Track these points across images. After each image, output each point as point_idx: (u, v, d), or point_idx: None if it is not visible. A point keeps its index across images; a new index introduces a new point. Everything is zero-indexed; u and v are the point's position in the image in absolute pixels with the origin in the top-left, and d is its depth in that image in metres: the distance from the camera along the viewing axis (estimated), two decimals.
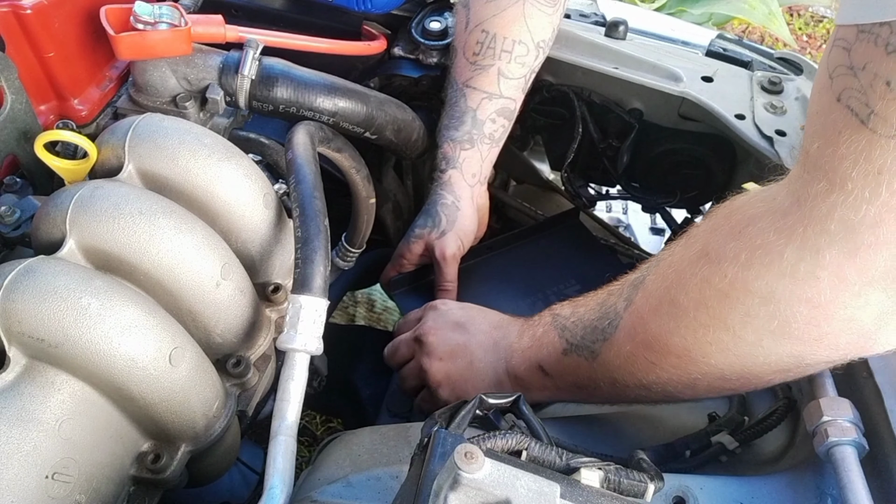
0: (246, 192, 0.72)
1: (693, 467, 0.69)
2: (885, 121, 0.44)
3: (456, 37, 1.02)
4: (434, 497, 0.42)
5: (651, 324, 0.63)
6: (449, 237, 1.00)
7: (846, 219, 0.48)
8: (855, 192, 0.46)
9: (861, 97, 0.45)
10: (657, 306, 0.63)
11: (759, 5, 2.45)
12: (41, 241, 0.64)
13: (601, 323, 0.69)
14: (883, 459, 0.60)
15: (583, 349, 0.70)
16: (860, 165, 0.46)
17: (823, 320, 0.52)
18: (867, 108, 0.44)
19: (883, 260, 0.48)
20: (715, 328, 0.58)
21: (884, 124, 0.44)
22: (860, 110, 0.45)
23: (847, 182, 0.47)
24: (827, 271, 0.50)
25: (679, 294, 0.61)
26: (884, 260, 0.48)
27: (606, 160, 1.14)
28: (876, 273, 0.48)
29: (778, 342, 0.55)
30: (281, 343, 0.64)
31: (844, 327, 0.52)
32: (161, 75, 0.82)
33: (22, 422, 0.53)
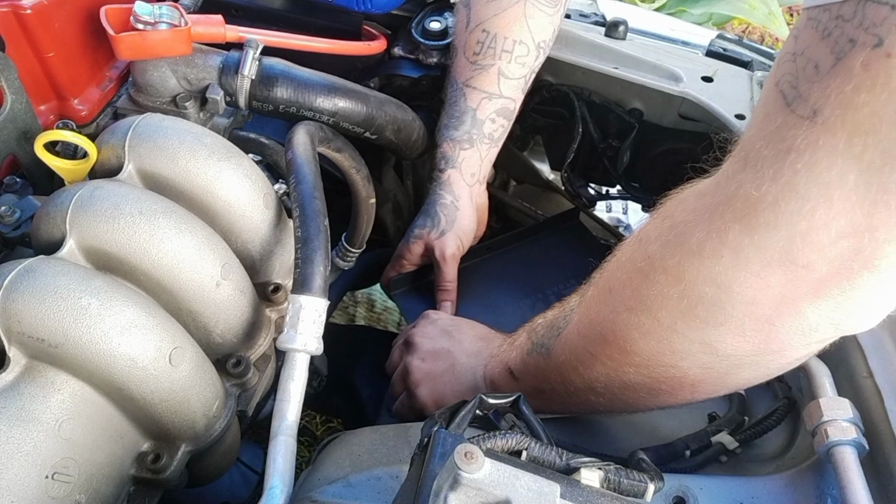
0: (246, 192, 0.72)
1: (693, 467, 0.69)
2: (806, 101, 0.43)
3: (456, 36, 1.02)
4: (434, 497, 0.42)
5: (592, 312, 0.64)
6: (448, 237, 1.00)
7: (749, 195, 0.47)
8: (763, 169, 0.46)
9: (793, 80, 0.44)
10: (599, 295, 0.63)
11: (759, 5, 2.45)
12: (41, 241, 0.64)
13: (558, 320, 0.70)
14: (883, 459, 0.60)
15: (541, 347, 0.70)
16: (773, 144, 0.45)
17: (727, 301, 0.51)
18: (794, 90, 0.44)
19: (781, 240, 0.46)
20: (637, 310, 0.57)
21: (803, 105, 0.43)
22: (788, 93, 0.45)
23: (758, 160, 0.47)
24: (728, 249, 0.49)
25: (613, 280, 0.61)
26: (781, 240, 0.46)
27: (606, 160, 1.14)
28: (774, 254, 0.47)
29: (689, 325, 0.54)
30: (281, 343, 0.64)
31: (746, 311, 0.51)
32: (161, 75, 0.82)
33: (22, 422, 0.53)
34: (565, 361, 0.67)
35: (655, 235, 0.56)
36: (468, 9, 1.00)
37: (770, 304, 0.50)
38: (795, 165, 0.44)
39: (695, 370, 0.58)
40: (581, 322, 0.66)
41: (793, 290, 0.48)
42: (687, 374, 0.59)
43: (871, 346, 0.67)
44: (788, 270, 0.47)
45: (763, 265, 0.48)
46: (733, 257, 0.49)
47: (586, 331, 0.64)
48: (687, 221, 0.53)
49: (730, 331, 0.53)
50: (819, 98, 0.43)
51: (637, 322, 0.58)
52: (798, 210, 0.45)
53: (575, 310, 0.67)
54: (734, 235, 0.48)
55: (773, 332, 0.51)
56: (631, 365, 0.61)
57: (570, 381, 0.67)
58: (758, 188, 0.46)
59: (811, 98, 0.43)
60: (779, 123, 0.45)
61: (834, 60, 0.42)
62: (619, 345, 0.60)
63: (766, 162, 0.46)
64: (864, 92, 0.40)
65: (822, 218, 0.44)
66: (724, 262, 0.50)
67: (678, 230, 0.53)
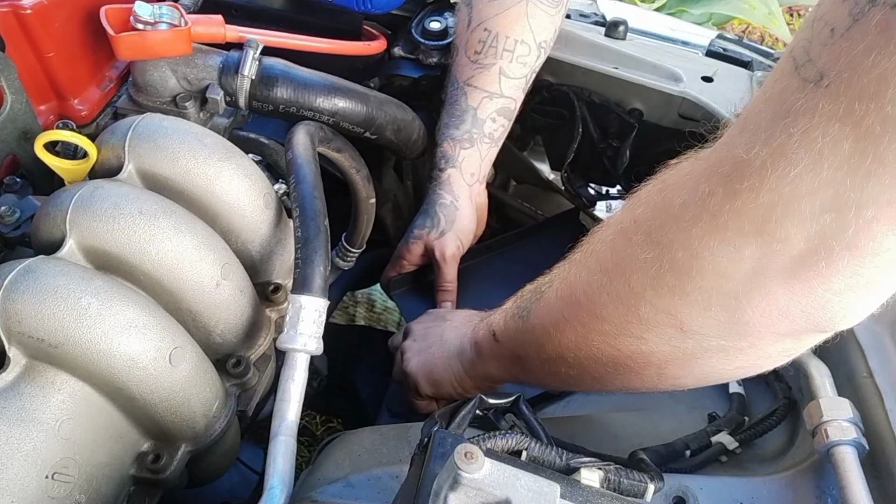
0: (246, 192, 0.72)
1: (693, 467, 0.69)
2: (814, 65, 0.41)
3: (457, 35, 1.02)
4: (434, 497, 0.42)
5: (572, 275, 0.63)
6: (448, 237, 1.00)
7: (738, 158, 0.45)
8: (757, 133, 0.44)
9: (806, 45, 0.42)
10: (580, 259, 0.62)
11: (759, 5, 2.45)
12: (41, 241, 0.64)
13: (542, 284, 0.69)
14: (883, 459, 0.60)
15: (523, 310, 0.69)
16: (773, 107, 0.43)
17: (697, 270, 0.49)
18: (806, 54, 0.42)
19: (761, 207, 0.44)
20: (613, 273, 0.56)
21: (811, 68, 0.41)
22: (800, 57, 0.42)
23: (755, 123, 0.44)
24: (707, 213, 0.47)
25: (596, 241, 0.60)
26: (762, 208, 0.44)
27: (606, 160, 1.14)
28: (752, 222, 0.45)
29: (657, 292, 0.52)
30: (281, 343, 0.64)
31: (714, 283, 0.48)
32: (161, 75, 0.82)
33: (22, 422, 0.53)
34: (540, 325, 0.66)
35: (645, 198, 0.55)
36: (470, 7, 1.00)
37: (740, 278, 0.47)
38: (790, 129, 0.42)
39: (661, 346, 0.56)
40: (561, 284, 0.64)
41: (765, 265, 0.46)
42: (653, 349, 0.56)
43: (871, 346, 0.67)
44: (764, 243, 0.45)
45: (738, 233, 0.46)
46: (711, 222, 0.47)
47: (564, 292, 0.63)
48: (676, 184, 0.51)
49: (695, 302, 0.51)
50: (828, 61, 0.40)
51: (609, 285, 0.56)
52: (783, 175, 0.42)
53: (558, 274, 0.66)
54: (716, 200, 0.46)
55: (739, 309, 0.49)
56: (599, 332, 0.59)
57: (543, 348, 0.66)
58: (748, 150, 0.44)
59: (820, 61, 0.41)
60: (782, 86, 0.43)
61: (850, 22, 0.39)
62: (590, 308, 0.59)
63: (762, 125, 0.44)
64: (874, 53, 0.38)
65: (808, 186, 0.42)
66: (701, 226, 0.47)
67: (666, 192, 0.52)
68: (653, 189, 0.55)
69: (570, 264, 0.64)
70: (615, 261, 0.56)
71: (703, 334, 0.53)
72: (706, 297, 0.50)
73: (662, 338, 0.55)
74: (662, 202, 0.52)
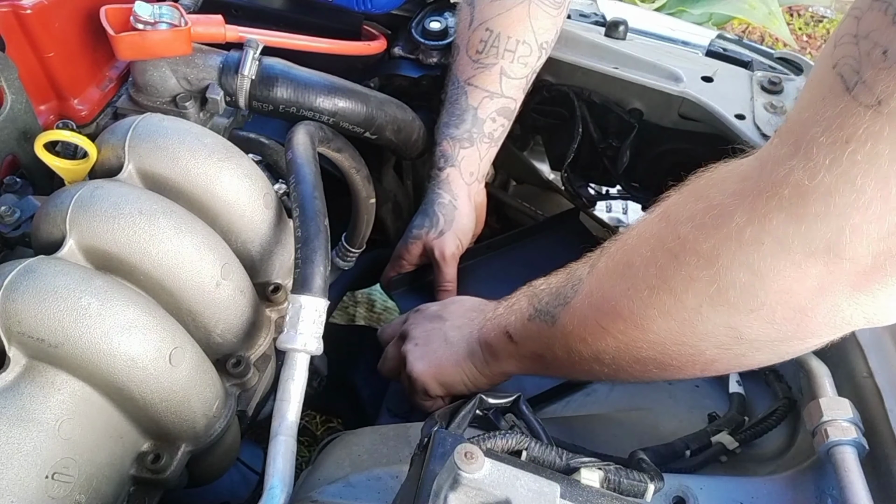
0: (246, 192, 0.72)
1: (693, 467, 0.69)
2: (870, 90, 0.41)
3: (459, 34, 1.02)
4: (434, 497, 0.42)
5: (606, 286, 0.63)
6: (447, 237, 1.00)
7: (800, 184, 0.45)
8: (817, 158, 0.44)
9: (855, 65, 0.43)
10: (614, 268, 0.63)
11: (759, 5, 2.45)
12: (41, 241, 0.64)
13: (565, 288, 0.69)
14: (883, 459, 0.60)
15: (545, 314, 0.70)
16: (830, 132, 0.44)
17: (760, 289, 0.50)
18: (857, 75, 0.42)
19: (829, 231, 0.45)
20: (660, 290, 0.57)
21: (868, 93, 0.42)
22: (849, 77, 0.43)
23: (812, 147, 0.45)
24: (771, 237, 0.48)
25: (634, 255, 0.60)
26: (830, 231, 0.45)
27: (606, 160, 1.14)
28: (819, 245, 0.46)
29: (715, 309, 0.53)
30: (281, 343, 0.64)
31: (780, 299, 0.50)
32: (161, 75, 0.82)
33: (22, 422, 0.53)
34: (572, 332, 0.66)
35: (688, 216, 0.55)
36: (472, 7, 1.00)
37: (806, 294, 0.49)
38: (855, 156, 0.42)
39: (712, 350, 0.57)
40: (593, 294, 0.64)
41: (832, 281, 0.47)
42: (704, 353, 0.58)
43: (871, 346, 0.67)
44: (831, 262, 0.46)
45: (805, 255, 0.47)
46: (775, 245, 0.48)
47: (599, 303, 0.63)
48: (725, 204, 0.51)
49: (760, 318, 0.52)
50: (886, 87, 0.41)
51: (658, 301, 0.57)
52: (853, 203, 0.43)
53: (584, 280, 0.66)
54: (779, 223, 0.47)
55: (804, 321, 0.51)
56: (645, 342, 0.60)
57: (575, 351, 0.67)
58: (811, 177, 0.45)
59: (877, 86, 0.41)
60: (838, 109, 0.43)
61: None
62: (634, 322, 0.59)
63: (822, 150, 0.44)
64: None
65: (877, 212, 0.43)
66: (765, 249, 0.48)
67: (715, 213, 0.52)
68: (695, 207, 0.54)
69: (601, 274, 0.64)
70: (662, 278, 0.56)
71: (762, 340, 0.54)
72: (770, 312, 0.51)
73: (715, 344, 0.56)
74: (713, 222, 0.52)
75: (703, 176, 0.56)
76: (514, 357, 0.76)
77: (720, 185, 0.53)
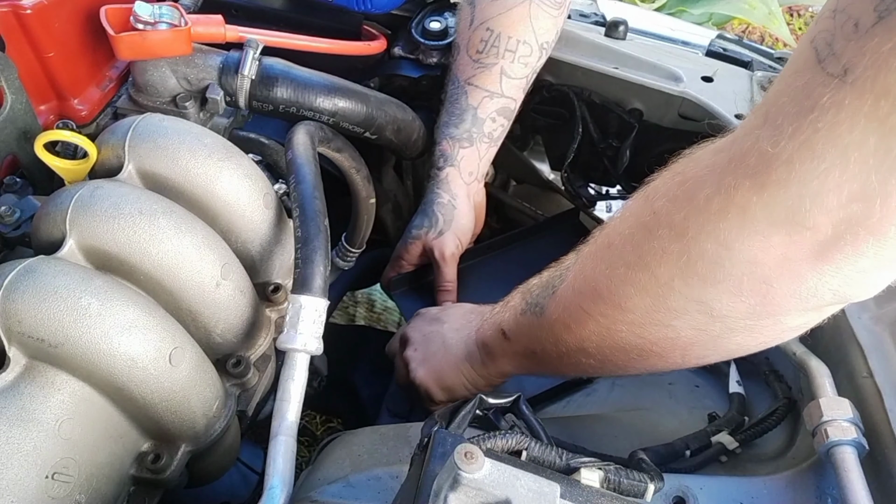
0: (246, 192, 0.72)
1: (693, 467, 0.69)
2: (838, 60, 0.42)
3: (459, 34, 1.02)
4: (434, 497, 0.42)
5: (588, 268, 0.63)
6: (447, 237, 1.00)
7: (764, 152, 0.46)
8: (782, 126, 0.45)
9: (829, 38, 0.43)
10: (596, 251, 0.63)
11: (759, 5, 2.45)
12: (41, 241, 0.64)
13: (553, 278, 0.69)
14: (883, 459, 0.60)
15: (535, 306, 0.70)
16: (797, 101, 0.44)
17: (727, 259, 0.50)
18: (829, 48, 0.43)
19: (790, 199, 0.45)
20: (636, 266, 0.57)
21: (835, 63, 0.42)
22: (822, 50, 0.43)
23: (779, 116, 0.45)
24: (736, 206, 0.48)
25: (614, 235, 0.61)
26: (790, 199, 0.45)
27: (606, 160, 1.14)
28: (781, 213, 0.46)
29: (686, 282, 0.54)
30: (281, 343, 0.64)
31: (746, 269, 0.50)
32: (161, 75, 0.82)
33: (22, 422, 0.53)
34: (558, 319, 0.66)
35: (664, 191, 0.55)
36: (472, 6, 1.00)
37: (770, 264, 0.49)
38: (816, 124, 0.43)
39: (688, 331, 0.57)
40: (577, 278, 0.65)
41: (795, 251, 0.47)
42: (680, 334, 0.58)
43: (871, 346, 0.67)
44: (793, 231, 0.47)
45: (768, 224, 0.47)
46: (739, 214, 0.48)
47: (581, 286, 0.64)
48: (697, 177, 0.52)
49: (727, 289, 0.52)
50: (853, 57, 0.41)
51: (634, 278, 0.57)
52: (812, 170, 0.44)
53: (571, 267, 0.67)
54: (743, 192, 0.48)
55: (770, 293, 0.51)
56: (624, 323, 0.60)
57: (562, 341, 0.67)
58: (774, 144, 0.45)
59: (844, 56, 0.42)
60: (806, 80, 0.44)
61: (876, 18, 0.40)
62: (613, 301, 0.60)
63: (788, 118, 0.45)
64: None
65: (836, 180, 0.43)
66: (730, 219, 0.49)
67: (687, 185, 0.52)
68: (671, 182, 0.55)
69: (584, 258, 0.65)
70: (638, 253, 0.57)
71: (732, 317, 0.54)
72: (737, 283, 0.51)
73: (690, 323, 0.56)
74: (685, 195, 0.52)
75: (684, 154, 0.57)
76: (509, 355, 0.76)
77: (695, 160, 0.54)
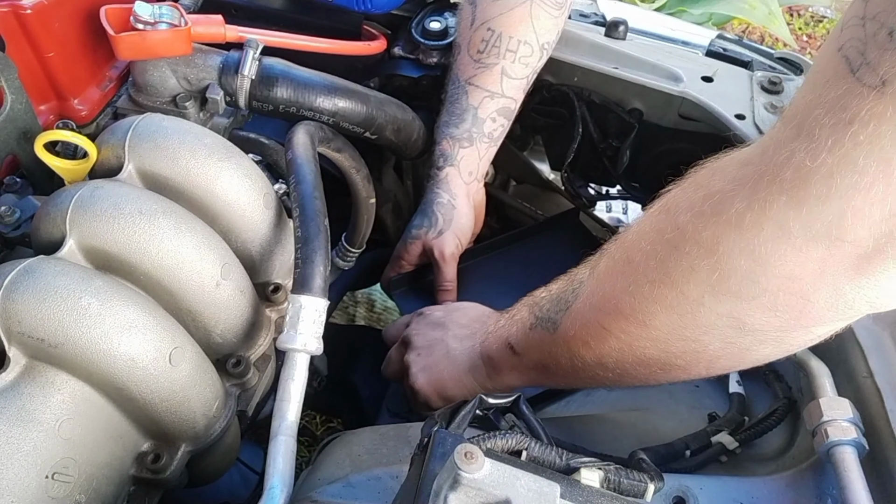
0: (246, 192, 0.72)
1: (693, 467, 0.69)
2: (874, 70, 0.41)
3: (460, 33, 1.02)
4: (434, 497, 0.42)
5: (607, 285, 0.62)
6: (447, 237, 1.00)
7: (802, 166, 0.45)
8: (819, 139, 0.44)
9: (860, 46, 0.42)
10: (614, 267, 0.62)
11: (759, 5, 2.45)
12: (41, 241, 0.64)
13: (565, 293, 0.68)
14: (883, 459, 0.60)
15: (547, 321, 0.69)
16: (833, 113, 0.43)
17: (762, 275, 0.49)
18: (862, 57, 0.42)
19: (830, 214, 0.44)
20: (661, 283, 0.56)
21: (872, 74, 0.41)
22: (854, 59, 0.42)
23: (815, 128, 0.44)
24: (771, 221, 0.47)
25: (634, 251, 0.59)
26: (831, 214, 0.44)
27: (606, 160, 1.14)
28: (820, 228, 0.45)
29: (717, 299, 0.52)
30: (281, 343, 0.64)
31: (782, 285, 0.49)
32: (161, 75, 0.82)
33: (22, 422, 0.53)
34: (575, 336, 0.65)
35: (687, 205, 0.54)
36: (473, 6, 1.00)
37: (808, 279, 0.48)
38: (857, 137, 0.42)
39: (716, 344, 0.56)
40: (593, 295, 0.63)
41: (834, 265, 0.46)
42: (707, 348, 0.57)
43: (871, 346, 0.67)
44: (833, 245, 0.46)
45: (806, 239, 0.46)
46: (776, 230, 0.47)
47: (600, 304, 0.62)
48: (725, 191, 0.50)
49: (761, 305, 0.51)
50: (891, 68, 0.40)
51: (659, 295, 0.56)
52: (854, 185, 0.43)
53: (585, 282, 0.65)
54: (779, 207, 0.46)
55: (806, 307, 0.50)
56: (648, 339, 0.59)
57: (578, 357, 0.66)
58: (813, 158, 0.44)
59: (882, 67, 0.40)
60: (842, 91, 0.42)
61: None
62: (636, 319, 0.58)
63: (825, 131, 0.43)
64: None
65: (879, 194, 0.42)
66: (765, 234, 0.48)
67: (714, 200, 0.51)
68: (694, 196, 0.54)
69: (601, 274, 0.63)
70: (663, 271, 0.55)
71: (765, 331, 0.53)
72: (773, 298, 0.50)
73: (719, 338, 0.55)
74: (712, 209, 0.51)
75: (704, 166, 0.55)
76: (518, 369, 0.75)
77: (720, 172, 0.53)
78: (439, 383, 0.82)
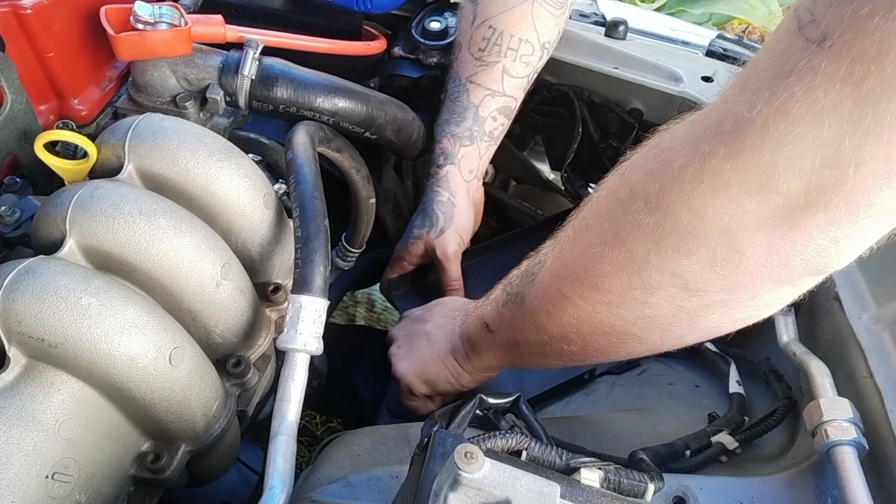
0: (246, 192, 0.72)
1: (693, 467, 0.69)
2: (818, 25, 0.41)
3: (461, 32, 1.02)
4: (434, 497, 0.42)
5: (566, 252, 0.63)
6: (448, 235, 1.00)
7: (740, 116, 0.45)
8: (759, 91, 0.44)
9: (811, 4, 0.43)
10: (573, 234, 0.63)
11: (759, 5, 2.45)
12: (41, 241, 0.64)
13: (532, 267, 0.69)
14: (883, 459, 0.60)
15: (516, 296, 0.70)
16: (775, 67, 0.44)
17: (700, 229, 0.50)
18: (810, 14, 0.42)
19: (763, 164, 0.45)
20: (612, 244, 0.56)
21: (815, 29, 0.42)
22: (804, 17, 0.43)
23: (756, 81, 0.45)
24: (709, 174, 0.48)
25: (591, 216, 0.60)
26: (763, 164, 0.45)
27: (606, 160, 1.14)
28: (753, 179, 0.46)
29: (661, 255, 0.53)
30: (281, 343, 0.64)
31: (718, 239, 0.49)
32: (161, 75, 0.82)
33: (22, 422, 0.53)
34: (539, 307, 0.66)
35: (639, 164, 0.55)
36: (475, 4, 1.00)
37: (742, 232, 0.48)
38: (792, 88, 0.42)
39: (665, 308, 0.57)
40: (555, 262, 0.64)
41: (767, 218, 0.47)
42: (657, 312, 0.57)
43: (871, 346, 0.67)
44: (765, 198, 0.46)
45: (741, 191, 0.47)
46: (713, 182, 0.48)
47: (559, 270, 0.63)
48: (673, 147, 0.51)
49: (700, 260, 0.51)
50: (832, 22, 0.41)
51: (610, 255, 0.57)
52: (786, 135, 0.43)
53: (549, 253, 0.66)
54: (717, 160, 0.47)
55: (742, 262, 0.50)
56: (602, 304, 0.59)
57: (543, 328, 0.66)
58: (750, 109, 0.45)
59: (824, 22, 0.41)
60: (785, 45, 0.43)
61: None
62: (591, 281, 0.59)
63: (765, 84, 0.44)
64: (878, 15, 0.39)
65: (809, 145, 0.43)
66: (703, 187, 0.48)
67: (663, 156, 0.52)
68: (647, 155, 0.54)
69: (562, 242, 0.64)
70: (614, 230, 0.56)
71: (707, 290, 0.54)
72: (711, 253, 0.51)
73: (667, 299, 0.56)
74: (660, 166, 0.52)
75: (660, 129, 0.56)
76: (493, 347, 0.76)
77: (672, 132, 0.53)
78: (420, 366, 0.84)
